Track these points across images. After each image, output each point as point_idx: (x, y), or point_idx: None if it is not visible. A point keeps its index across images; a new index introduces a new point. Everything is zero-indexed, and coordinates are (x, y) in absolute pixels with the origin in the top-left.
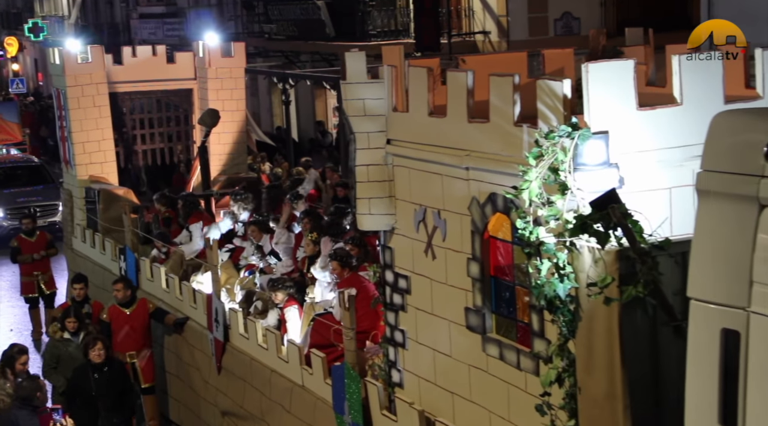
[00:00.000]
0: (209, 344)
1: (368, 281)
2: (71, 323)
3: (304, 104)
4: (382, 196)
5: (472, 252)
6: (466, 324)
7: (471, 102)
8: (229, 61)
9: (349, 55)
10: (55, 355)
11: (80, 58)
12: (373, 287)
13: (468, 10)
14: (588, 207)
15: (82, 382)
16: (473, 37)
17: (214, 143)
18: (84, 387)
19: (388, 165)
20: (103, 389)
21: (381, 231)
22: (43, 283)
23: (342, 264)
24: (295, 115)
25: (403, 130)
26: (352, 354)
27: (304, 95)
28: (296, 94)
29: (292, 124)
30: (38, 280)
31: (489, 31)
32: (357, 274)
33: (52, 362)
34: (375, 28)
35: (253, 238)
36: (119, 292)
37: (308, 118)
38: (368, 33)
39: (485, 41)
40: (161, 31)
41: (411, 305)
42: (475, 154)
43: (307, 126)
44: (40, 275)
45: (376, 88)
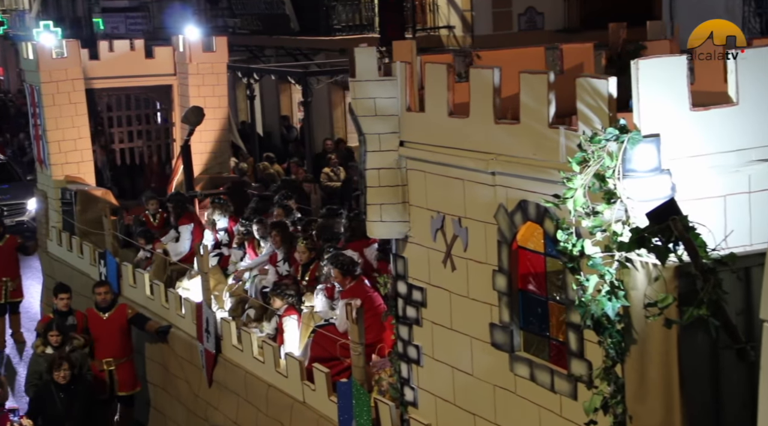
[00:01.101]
0: (199, 355)
1: (373, 290)
2: (54, 337)
3: (269, 99)
4: (394, 202)
5: (498, 263)
6: (491, 341)
7: (498, 101)
8: (210, 56)
9: (358, 50)
10: (36, 372)
11: (55, 53)
12: (379, 297)
13: (432, 4)
14: (643, 218)
15: (46, 401)
16: (438, 31)
17: (195, 141)
18: (48, 406)
19: (401, 169)
20: (70, 408)
21: (392, 239)
22: (11, 290)
23: (344, 272)
24: (260, 110)
25: (419, 132)
26: (360, 370)
27: (268, 90)
28: (261, 89)
29: (256, 119)
30: (6, 286)
31: (453, 25)
32: (362, 282)
33: (34, 378)
34: (340, 22)
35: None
36: (101, 295)
37: (273, 113)
38: (333, 27)
39: (450, 36)
40: (124, 25)
41: (427, 319)
42: (502, 158)
43: (272, 121)
44: (8, 281)
45: (387, 86)
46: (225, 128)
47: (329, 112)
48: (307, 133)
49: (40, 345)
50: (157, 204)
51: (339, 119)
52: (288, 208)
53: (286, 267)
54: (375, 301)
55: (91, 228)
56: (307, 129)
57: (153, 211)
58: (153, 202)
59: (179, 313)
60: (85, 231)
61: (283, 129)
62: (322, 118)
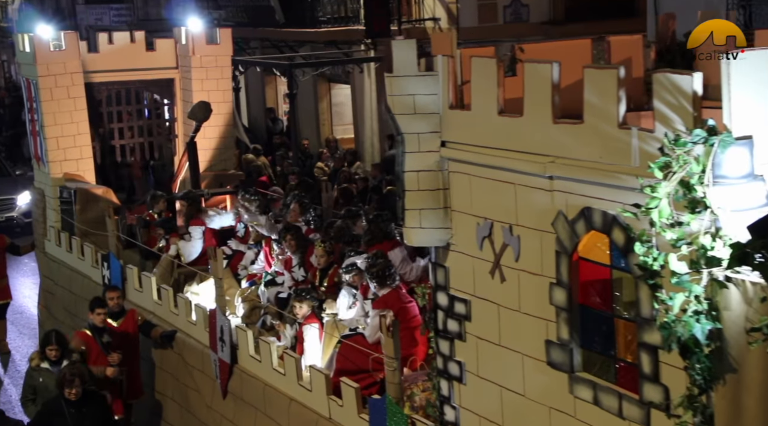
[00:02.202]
0: (212, 365)
1: (407, 299)
2: (52, 351)
3: (254, 91)
4: (435, 208)
5: (556, 276)
6: (546, 359)
7: (557, 99)
8: (214, 49)
9: (396, 43)
10: (31, 386)
11: (53, 46)
12: (414, 307)
13: None
14: (737, 231)
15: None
16: (423, 23)
17: (198, 137)
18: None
19: (443, 171)
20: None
21: (432, 247)
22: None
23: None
24: (245, 102)
25: (463, 131)
26: (395, 387)
27: (254, 82)
28: (246, 81)
29: (242, 111)
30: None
31: (439, 17)
32: (396, 291)
33: (29, 393)
34: (325, 14)
35: (289, 249)
36: (112, 301)
37: (258, 106)
38: (318, 20)
39: (435, 28)
40: (108, 16)
41: (471, 334)
42: (562, 161)
43: (257, 113)
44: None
45: (428, 81)
46: (229, 124)
47: (315, 105)
48: (293, 126)
49: (36, 358)
50: (165, 204)
51: (325, 111)
52: (305, 207)
53: (302, 272)
54: (409, 312)
55: (92, 228)
56: (292, 121)
57: (159, 210)
58: (161, 202)
59: (190, 320)
60: (86, 231)
61: (269, 121)
62: (308, 111)
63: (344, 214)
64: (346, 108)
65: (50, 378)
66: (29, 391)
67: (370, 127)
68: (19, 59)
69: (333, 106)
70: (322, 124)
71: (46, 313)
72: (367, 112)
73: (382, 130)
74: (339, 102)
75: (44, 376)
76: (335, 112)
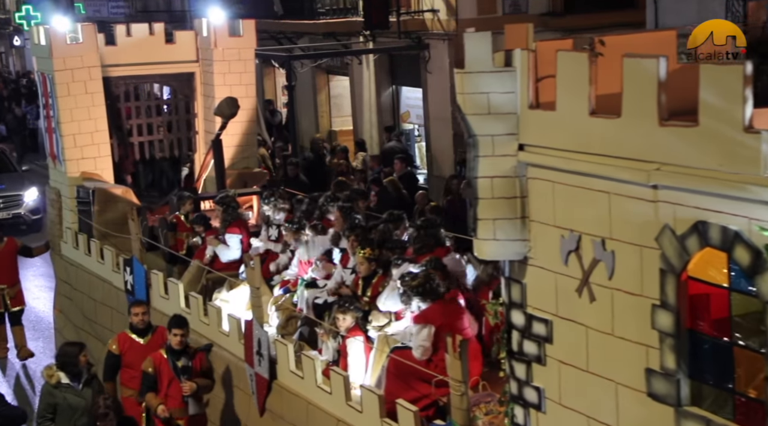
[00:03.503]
0: (248, 380)
1: (455, 310)
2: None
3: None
4: (511, 218)
5: (660, 297)
6: (647, 390)
7: (663, 98)
8: (237, 41)
9: (468, 36)
10: (51, 405)
11: (69, 38)
12: (465, 318)
13: None
14: None
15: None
16: (422, 15)
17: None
18: None
19: (521, 177)
20: None
21: (505, 261)
22: (9, 298)
23: (426, 299)
24: None
25: (545, 133)
26: (463, 414)
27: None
28: None
29: None
30: (4, 293)
31: (438, 9)
32: (440, 303)
33: (48, 413)
34: (323, 6)
35: (350, 249)
36: (138, 316)
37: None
38: (317, 11)
39: (434, 19)
40: (106, 8)
41: (552, 357)
42: (669, 168)
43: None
44: (6, 289)
45: (505, 78)
46: (252, 120)
47: (313, 97)
48: (292, 118)
49: (54, 373)
50: (192, 205)
51: (323, 103)
52: (347, 211)
53: (352, 277)
54: (458, 325)
55: (111, 230)
56: (291, 113)
57: (186, 212)
58: (188, 203)
59: (221, 331)
60: (105, 233)
61: (267, 113)
62: (306, 103)
63: (385, 218)
64: (344, 100)
65: (74, 395)
66: (48, 410)
67: (368, 119)
68: (33, 53)
69: (332, 97)
70: (321, 116)
71: (63, 319)
72: (366, 104)
73: (381, 122)
74: (338, 94)
75: (67, 393)
76: (334, 103)
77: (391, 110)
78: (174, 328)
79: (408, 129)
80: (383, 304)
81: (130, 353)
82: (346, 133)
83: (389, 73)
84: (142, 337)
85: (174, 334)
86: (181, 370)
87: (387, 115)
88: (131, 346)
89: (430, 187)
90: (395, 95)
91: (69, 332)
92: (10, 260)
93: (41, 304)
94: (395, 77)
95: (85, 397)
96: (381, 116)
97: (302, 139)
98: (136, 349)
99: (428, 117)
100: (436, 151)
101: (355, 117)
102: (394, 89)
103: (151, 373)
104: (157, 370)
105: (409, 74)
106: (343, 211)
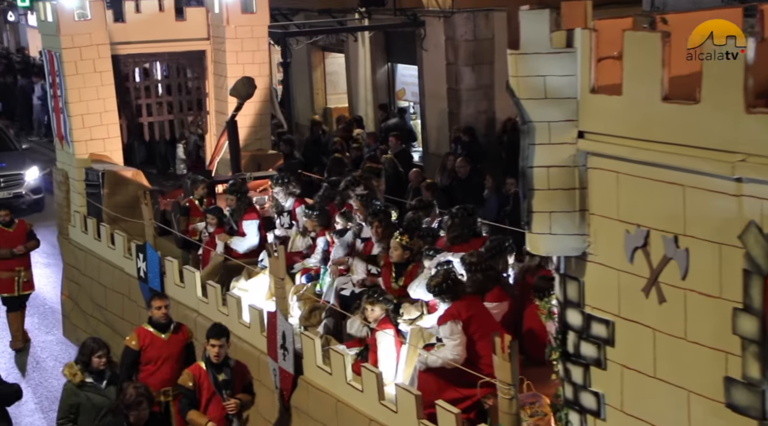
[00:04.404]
0: (271, 375)
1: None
2: (102, 358)
3: None
4: (568, 210)
5: (744, 300)
6: (726, 401)
7: (750, 83)
8: (250, 18)
9: (524, 14)
10: (73, 405)
11: (77, 15)
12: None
13: None
14: None
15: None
16: None
17: None
18: None
19: (580, 167)
20: None
21: (560, 257)
22: (23, 281)
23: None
24: None
25: (610, 120)
26: (511, 419)
27: None
28: None
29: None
30: (20, 276)
31: None
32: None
33: (70, 413)
34: None
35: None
36: (160, 310)
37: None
38: None
39: None
40: None
41: (614, 361)
42: (757, 160)
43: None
44: (22, 271)
45: (564, 60)
46: (266, 100)
47: (309, 74)
48: (287, 95)
49: (77, 372)
50: (206, 188)
51: (318, 81)
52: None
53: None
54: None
55: (121, 214)
56: (286, 90)
57: (200, 196)
58: (201, 186)
59: (241, 322)
60: (114, 217)
61: None
62: (302, 80)
63: (415, 204)
64: (340, 77)
65: (98, 394)
66: (70, 410)
67: (364, 97)
68: (40, 30)
69: (327, 75)
70: (316, 94)
71: (71, 304)
72: (361, 81)
73: (376, 99)
74: (333, 71)
75: (91, 393)
76: (329, 81)
77: (387, 88)
78: (212, 339)
79: (403, 106)
80: (414, 291)
81: (150, 349)
82: (341, 110)
83: (385, 51)
84: (164, 333)
85: (212, 345)
86: (222, 384)
87: (382, 93)
88: (152, 342)
89: (426, 164)
90: (391, 72)
91: (77, 318)
92: (23, 242)
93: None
94: (391, 54)
95: (109, 396)
96: (376, 94)
97: (297, 116)
98: (157, 345)
99: (424, 94)
100: (431, 128)
101: (351, 94)
102: (389, 66)
103: (191, 388)
104: (197, 384)
105: (404, 51)
106: (362, 200)
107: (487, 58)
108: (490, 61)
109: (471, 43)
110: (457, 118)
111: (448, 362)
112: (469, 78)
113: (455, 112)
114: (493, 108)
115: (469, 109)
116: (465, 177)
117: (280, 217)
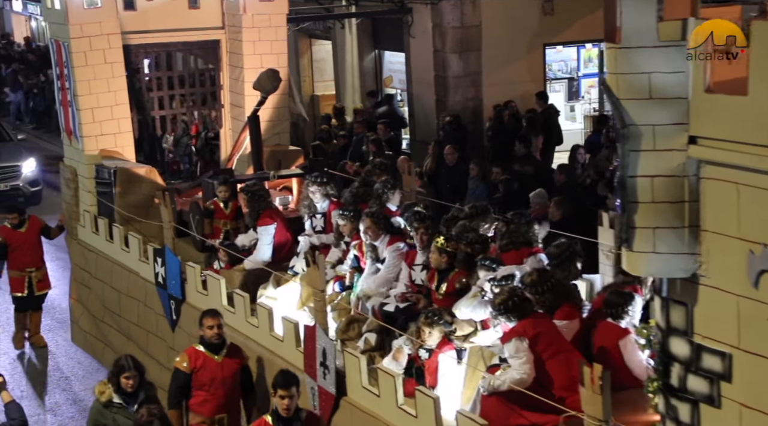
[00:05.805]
0: (308, 393)
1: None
2: (130, 380)
3: None
4: (676, 226)
5: None
6: None
7: None
8: (268, 6)
9: (626, 2)
10: (98, 425)
11: (86, 3)
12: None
13: None
14: None
15: None
16: None
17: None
18: None
19: (690, 177)
20: None
21: (663, 278)
22: (36, 281)
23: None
24: None
25: (729, 124)
26: None
27: None
28: None
29: None
30: (30, 276)
31: None
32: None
33: None
34: None
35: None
36: (212, 329)
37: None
38: None
39: None
40: None
41: (731, 399)
42: None
43: None
44: (33, 271)
45: (673, 55)
46: (284, 92)
47: (296, 61)
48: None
49: (106, 390)
50: (229, 190)
51: (305, 68)
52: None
53: (423, 275)
54: (555, 336)
55: (135, 214)
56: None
57: (224, 197)
58: (225, 188)
59: (273, 335)
60: (127, 217)
61: None
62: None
63: (470, 211)
64: (327, 64)
65: (125, 417)
66: None
67: (351, 84)
68: (47, 18)
69: (314, 62)
70: (303, 81)
71: (80, 309)
72: (349, 69)
73: (363, 87)
74: (320, 58)
75: (118, 414)
76: (316, 68)
77: (374, 75)
78: (280, 389)
79: (391, 93)
80: (459, 310)
81: (203, 372)
82: (328, 97)
83: (372, 38)
84: (217, 354)
85: (281, 397)
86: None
87: (370, 80)
88: (204, 364)
89: (413, 152)
90: (378, 60)
91: (86, 323)
92: (36, 241)
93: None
94: (378, 41)
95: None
96: (364, 81)
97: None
98: (211, 367)
99: (411, 81)
100: (419, 115)
101: (338, 82)
102: (376, 53)
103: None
104: None
105: (391, 38)
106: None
107: (474, 45)
108: (477, 48)
109: (458, 30)
110: (445, 105)
111: (516, 384)
112: (456, 65)
113: (442, 100)
114: (481, 95)
115: (457, 97)
116: (453, 164)
117: (311, 219)
